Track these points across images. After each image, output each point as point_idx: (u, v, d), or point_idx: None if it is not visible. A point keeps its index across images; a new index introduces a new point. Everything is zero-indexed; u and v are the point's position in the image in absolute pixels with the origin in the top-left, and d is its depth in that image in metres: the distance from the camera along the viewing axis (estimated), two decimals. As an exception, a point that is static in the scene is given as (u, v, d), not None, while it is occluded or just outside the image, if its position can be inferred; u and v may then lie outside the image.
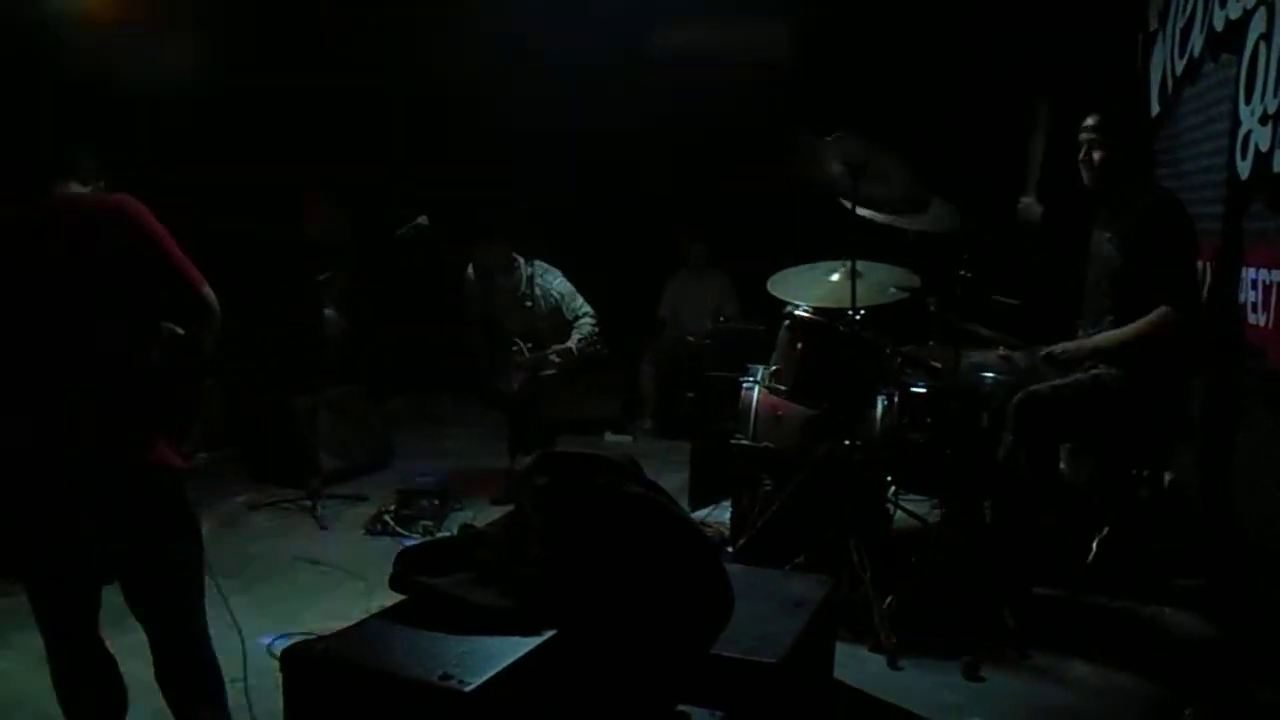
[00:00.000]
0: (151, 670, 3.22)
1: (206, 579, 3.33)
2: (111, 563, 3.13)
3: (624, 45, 8.48)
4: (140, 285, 3.04)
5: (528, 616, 2.57)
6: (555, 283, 6.80)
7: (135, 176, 3.36)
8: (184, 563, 3.21)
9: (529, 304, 6.75)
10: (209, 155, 6.64)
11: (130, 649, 3.28)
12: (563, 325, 6.80)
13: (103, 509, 3.01)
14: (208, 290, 3.12)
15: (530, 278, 6.77)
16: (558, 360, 6.63)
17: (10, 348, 3.02)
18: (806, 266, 5.03)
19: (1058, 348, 4.50)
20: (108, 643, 3.23)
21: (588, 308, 6.81)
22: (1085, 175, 4.52)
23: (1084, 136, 4.47)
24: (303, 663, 2.48)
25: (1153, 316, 4.28)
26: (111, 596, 3.19)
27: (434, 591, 2.66)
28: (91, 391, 2.98)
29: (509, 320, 6.74)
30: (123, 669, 3.26)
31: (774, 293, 4.90)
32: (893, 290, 4.80)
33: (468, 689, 2.27)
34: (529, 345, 6.68)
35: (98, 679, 3.17)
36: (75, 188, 3.12)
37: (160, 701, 3.24)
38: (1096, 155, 4.44)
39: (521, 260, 6.81)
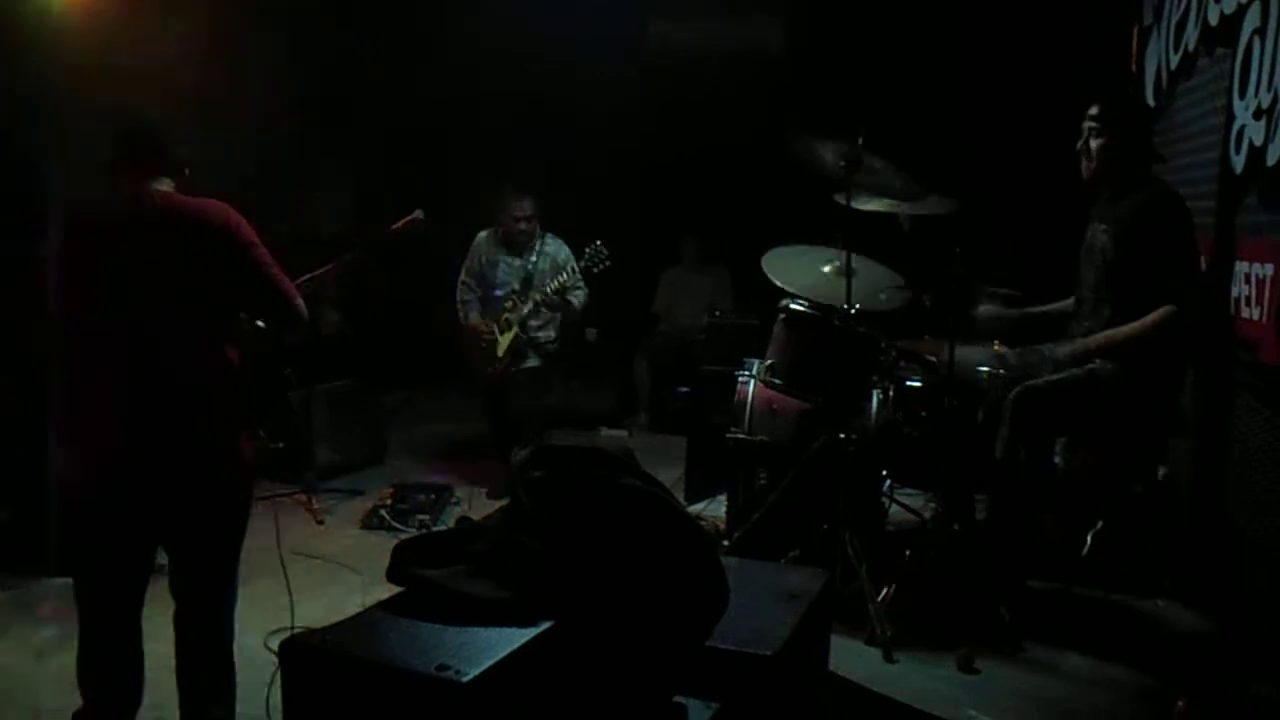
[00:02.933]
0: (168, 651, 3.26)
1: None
2: (172, 553, 3.21)
3: (619, 40, 8.49)
4: (230, 289, 3.08)
5: (524, 608, 2.58)
6: (562, 254, 6.59)
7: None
8: (234, 557, 3.28)
9: (530, 272, 6.54)
10: (200, 151, 6.64)
11: (151, 633, 3.31)
12: (556, 325, 6.71)
13: (179, 504, 3.08)
14: (300, 303, 3.24)
15: (540, 248, 6.61)
16: (540, 301, 6.41)
17: (105, 345, 3.06)
18: (801, 249, 5.02)
19: (1062, 352, 4.49)
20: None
21: (584, 290, 6.60)
22: (1083, 164, 4.51)
23: (1085, 125, 4.47)
24: (300, 655, 2.48)
25: (1155, 316, 4.24)
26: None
27: (431, 583, 2.67)
28: (180, 389, 3.06)
29: (504, 295, 6.56)
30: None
31: (766, 270, 4.86)
32: (883, 297, 4.80)
33: (464, 680, 2.28)
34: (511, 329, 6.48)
35: (126, 666, 3.20)
36: (167, 184, 3.16)
37: (154, 697, 3.27)
38: (1094, 144, 4.44)
39: (537, 226, 6.64)
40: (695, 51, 8.88)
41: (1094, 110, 4.47)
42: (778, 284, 4.79)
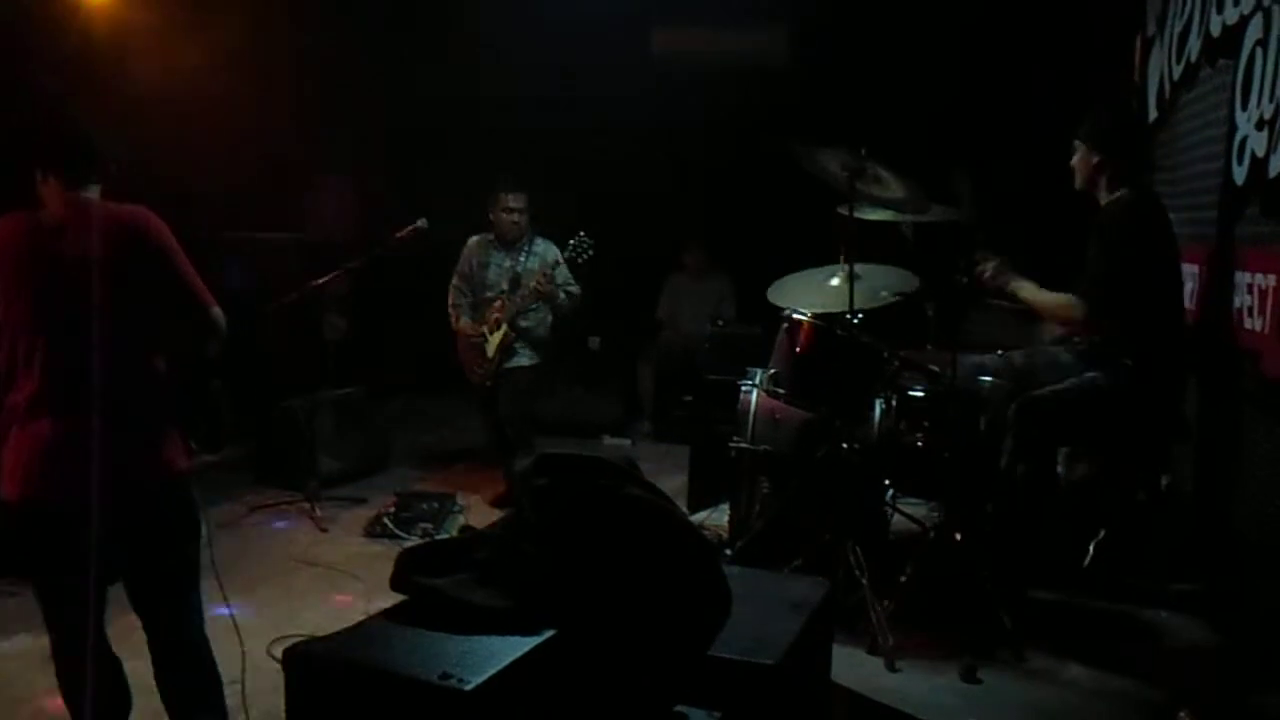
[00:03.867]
0: (150, 671, 3.25)
1: (211, 580, 3.37)
2: (119, 564, 3.16)
3: (624, 50, 8.52)
4: (150, 296, 3.07)
5: (527, 617, 2.59)
6: (550, 255, 6.49)
7: (140, 178, 3.38)
8: (187, 564, 3.25)
9: (520, 273, 6.47)
10: (212, 157, 6.67)
11: (132, 649, 3.30)
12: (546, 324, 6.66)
13: (115, 515, 3.04)
14: (217, 311, 3.19)
15: (529, 248, 6.55)
16: (534, 289, 6.33)
17: (29, 356, 3.05)
18: (806, 273, 5.04)
19: (991, 264, 4.57)
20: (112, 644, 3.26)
21: (576, 287, 6.54)
22: (1077, 181, 4.56)
23: (1076, 139, 4.51)
24: (304, 663, 2.49)
25: (1062, 298, 4.40)
26: (114, 595, 3.22)
27: (434, 592, 2.67)
28: (107, 399, 3.01)
29: (493, 296, 6.50)
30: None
31: (773, 301, 4.91)
32: (884, 294, 4.81)
33: (467, 688, 2.28)
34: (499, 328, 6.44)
35: (102, 678, 3.19)
36: (93, 192, 3.15)
37: (159, 702, 3.27)
38: (1079, 160, 4.51)
39: (528, 224, 6.57)
40: (700, 61, 8.90)
41: (1084, 124, 4.52)
42: (785, 309, 4.80)
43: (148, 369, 3.12)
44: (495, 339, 6.36)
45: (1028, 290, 4.53)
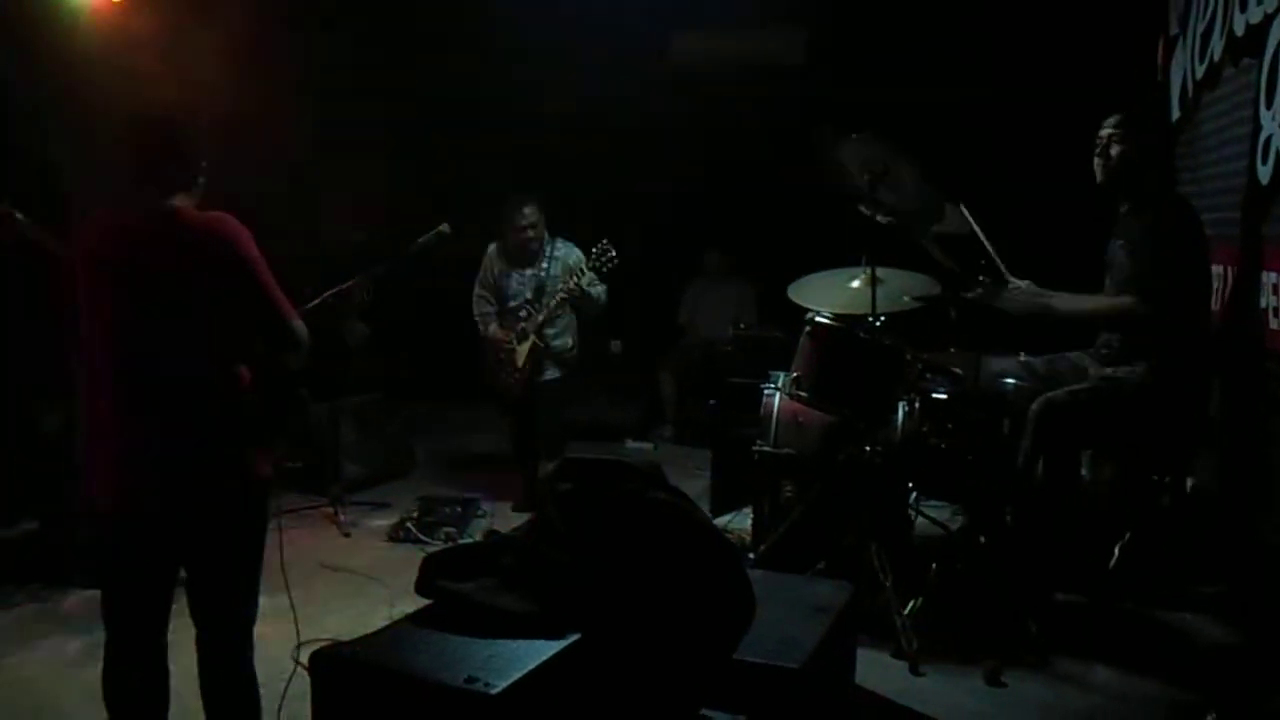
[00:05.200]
0: (175, 680, 3.26)
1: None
2: (191, 567, 3.20)
3: (642, 53, 8.52)
4: (229, 304, 3.06)
5: (552, 621, 2.60)
6: (573, 257, 6.42)
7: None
8: (252, 571, 3.27)
9: (543, 280, 6.42)
10: (227, 162, 6.69)
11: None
12: (574, 330, 6.63)
13: (196, 520, 3.08)
14: (297, 323, 3.17)
15: (550, 253, 6.48)
16: (563, 299, 6.30)
17: (117, 362, 3.06)
18: (827, 273, 5.04)
19: (1015, 285, 4.55)
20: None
21: (602, 287, 6.44)
22: (1099, 171, 4.50)
23: (1104, 133, 4.47)
24: (331, 666, 2.51)
25: (1116, 300, 4.35)
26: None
27: (459, 596, 2.68)
28: (185, 406, 3.03)
29: (518, 305, 6.48)
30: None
31: (795, 299, 4.91)
32: (906, 299, 4.80)
33: (493, 692, 2.29)
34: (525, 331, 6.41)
35: (151, 682, 3.20)
36: (184, 200, 3.15)
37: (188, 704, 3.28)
38: (1114, 150, 4.44)
39: (545, 233, 6.50)
40: (718, 63, 8.89)
41: (1114, 119, 4.47)
42: (807, 307, 4.80)
43: (228, 376, 3.11)
44: (524, 349, 6.36)
45: (1063, 300, 4.49)
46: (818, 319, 4.71)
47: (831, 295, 4.89)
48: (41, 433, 5.15)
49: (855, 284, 4.90)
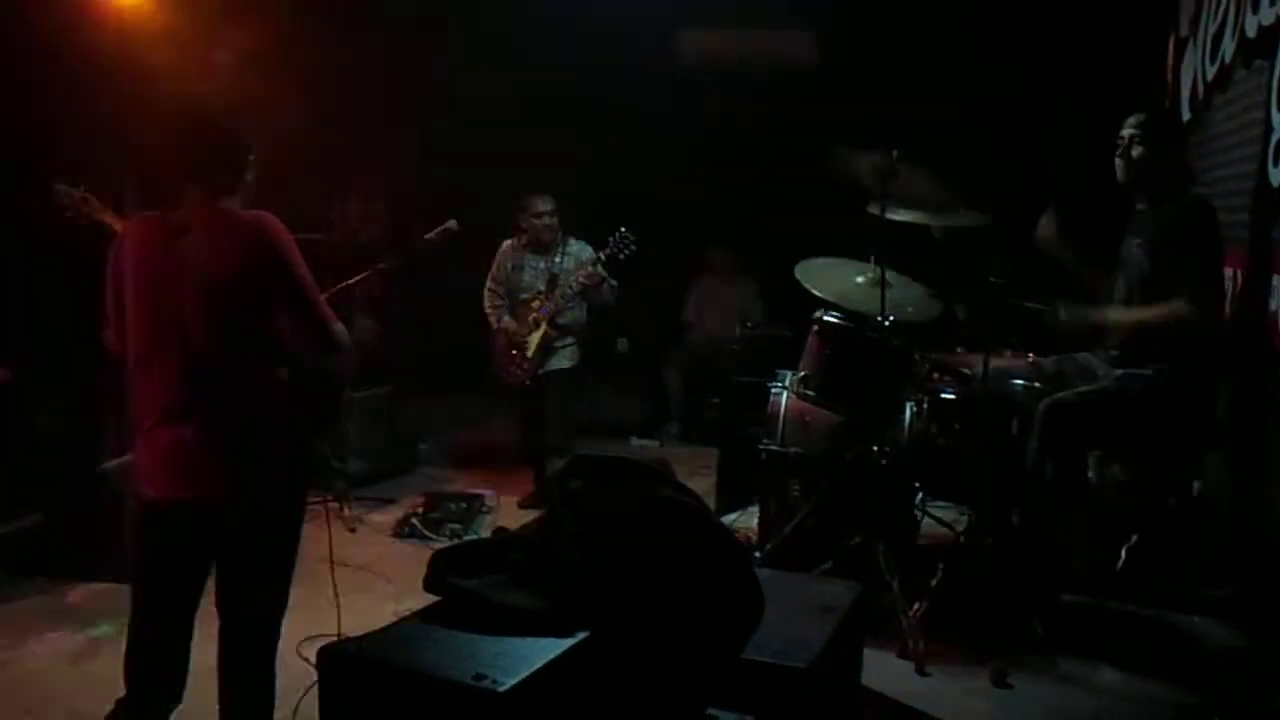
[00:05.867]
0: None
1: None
2: (223, 560, 3.20)
3: (652, 52, 8.50)
4: (267, 305, 3.05)
5: (561, 618, 2.59)
6: (585, 254, 6.51)
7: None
8: (284, 570, 3.27)
9: (557, 273, 6.50)
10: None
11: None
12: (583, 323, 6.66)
13: (231, 524, 3.10)
14: (337, 327, 3.14)
15: (564, 249, 6.57)
16: (576, 290, 6.39)
17: (148, 357, 3.07)
18: (835, 260, 5.03)
19: (1062, 311, 4.50)
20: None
21: (614, 281, 6.53)
22: (1120, 170, 4.50)
23: (1125, 132, 4.46)
24: (339, 663, 2.50)
25: (1165, 309, 4.28)
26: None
27: (468, 593, 2.68)
28: (220, 405, 3.04)
29: (531, 297, 6.54)
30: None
31: (799, 278, 4.87)
32: (910, 310, 4.80)
33: (501, 689, 2.29)
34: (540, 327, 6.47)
35: (172, 662, 3.20)
36: (231, 202, 3.15)
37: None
38: (1135, 151, 4.43)
39: (559, 229, 6.60)
40: (728, 63, 8.88)
41: (1135, 119, 4.46)
42: (810, 289, 4.78)
43: (266, 378, 3.11)
44: (535, 338, 6.39)
45: (1113, 314, 4.49)
46: (826, 318, 4.70)
47: (837, 283, 4.86)
48: (44, 426, 5.17)
49: (860, 280, 4.88)
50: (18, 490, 5.17)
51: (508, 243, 6.67)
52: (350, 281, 6.07)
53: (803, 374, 4.77)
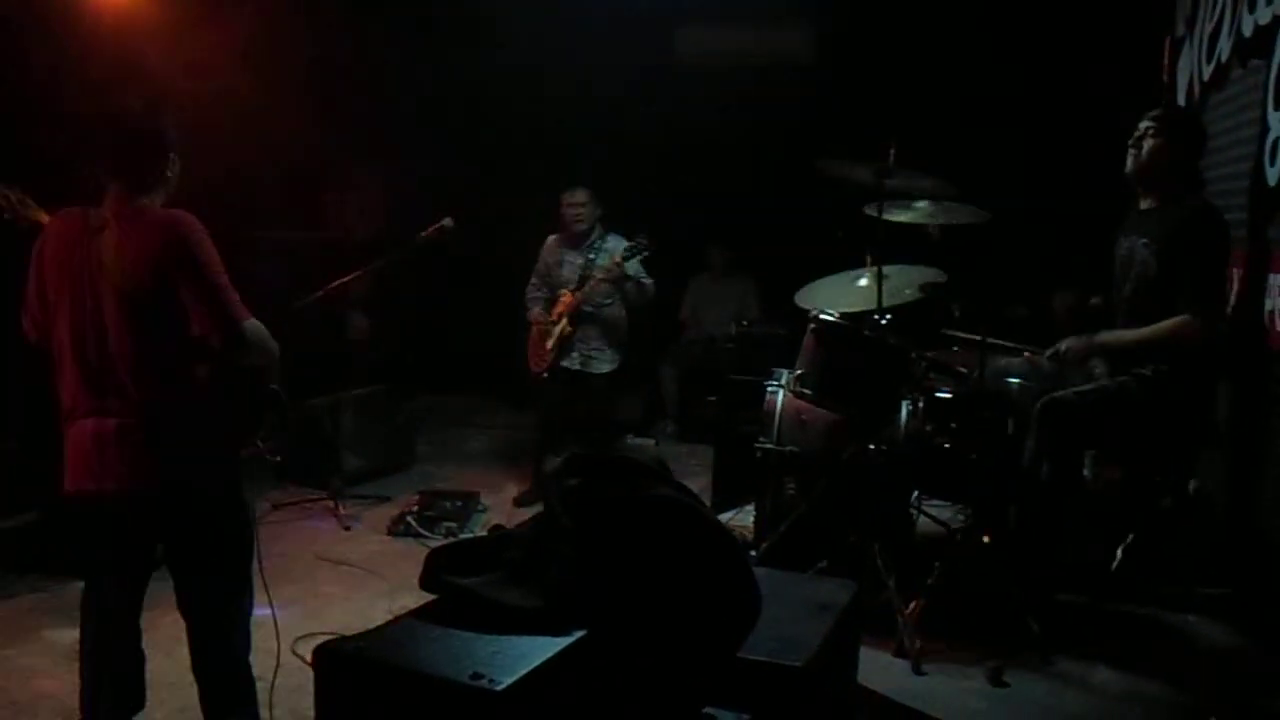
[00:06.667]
0: (173, 668, 3.27)
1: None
2: (167, 560, 3.23)
3: (648, 49, 8.50)
4: (181, 303, 3.06)
5: (558, 617, 2.58)
6: (620, 249, 6.51)
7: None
8: (231, 566, 3.27)
9: (589, 268, 6.53)
10: (232, 156, 6.69)
11: (153, 646, 3.33)
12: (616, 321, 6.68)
13: (155, 511, 3.12)
14: (247, 324, 3.13)
15: (600, 245, 6.60)
16: (601, 280, 6.45)
17: (68, 352, 3.09)
18: (833, 277, 5.04)
19: (1062, 345, 4.49)
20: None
21: (649, 280, 6.62)
22: (1130, 162, 4.45)
23: (1142, 125, 4.42)
24: (334, 661, 2.49)
25: (1171, 323, 4.23)
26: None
27: (465, 591, 2.67)
28: (137, 401, 3.05)
29: (562, 295, 6.57)
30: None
31: (801, 305, 4.91)
32: (908, 291, 4.79)
33: (498, 688, 2.28)
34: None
35: (124, 667, 3.22)
36: (152, 199, 3.15)
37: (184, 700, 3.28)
38: (1149, 143, 4.39)
39: (599, 225, 6.67)
40: (724, 60, 8.89)
41: (1156, 113, 4.44)
42: (814, 310, 4.79)
43: (183, 374, 3.12)
44: (555, 331, 6.42)
45: (1109, 337, 4.45)
46: (822, 316, 4.70)
47: (839, 299, 4.88)
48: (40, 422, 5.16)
49: (863, 283, 4.88)
50: (13, 488, 5.16)
51: (552, 237, 6.73)
52: (345, 279, 6.09)
53: (799, 372, 4.75)
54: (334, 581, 5.17)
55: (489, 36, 8.38)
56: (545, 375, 6.51)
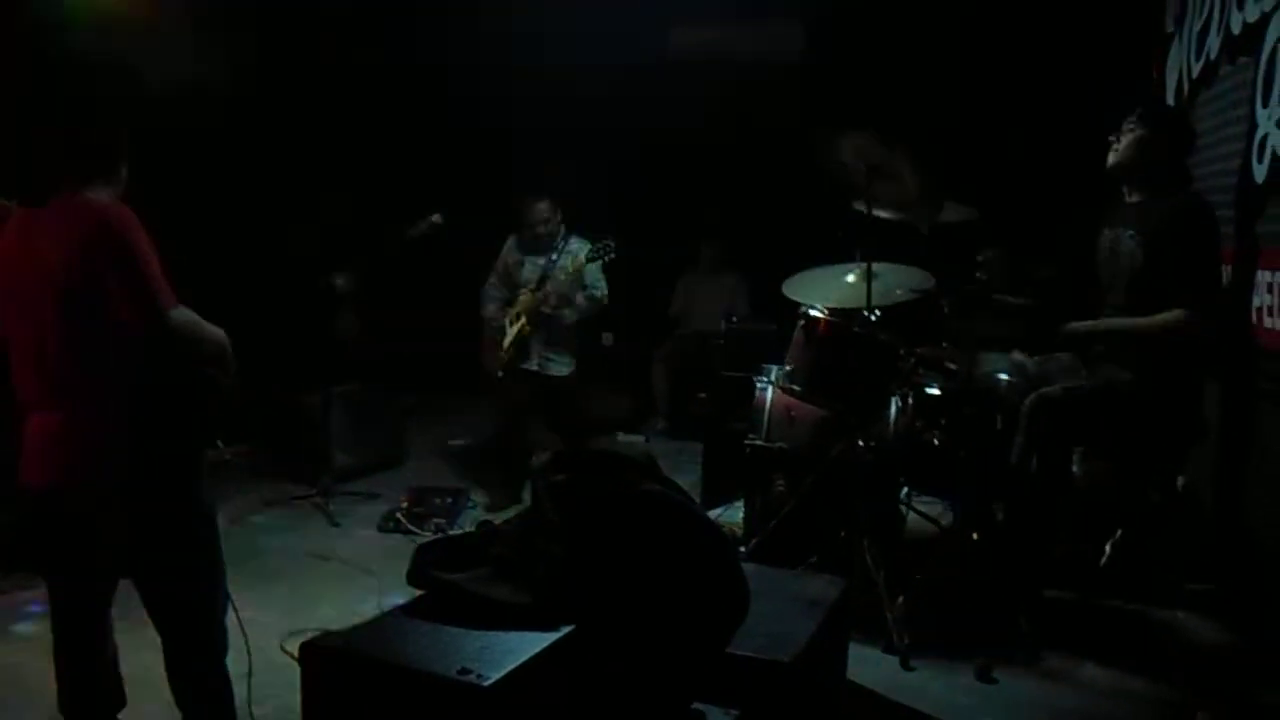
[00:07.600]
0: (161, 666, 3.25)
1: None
2: (127, 558, 3.16)
3: (638, 45, 8.50)
4: (110, 293, 2.98)
5: (546, 612, 2.59)
6: (583, 253, 6.47)
7: (149, 178, 3.36)
8: (190, 562, 3.21)
9: (550, 270, 6.49)
10: (222, 154, 6.67)
11: (148, 643, 3.31)
12: (571, 326, 6.64)
13: (105, 507, 3.05)
14: (174, 314, 3.02)
15: (563, 247, 6.55)
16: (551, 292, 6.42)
17: (14, 348, 3.07)
18: (822, 269, 5.02)
19: (1071, 325, 4.49)
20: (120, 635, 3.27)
21: (603, 289, 6.60)
22: (1111, 155, 4.44)
23: (1128, 122, 4.39)
24: (321, 657, 2.49)
25: (1167, 317, 4.22)
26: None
27: (452, 587, 2.67)
28: (74, 394, 3.01)
29: (520, 295, 6.54)
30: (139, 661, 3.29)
31: (789, 295, 4.89)
32: (899, 292, 4.79)
33: (486, 683, 2.28)
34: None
35: (96, 670, 3.20)
36: (100, 192, 3.11)
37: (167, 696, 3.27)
38: (1128, 137, 4.37)
39: (562, 227, 6.60)
40: (715, 56, 8.88)
41: (1141, 109, 4.42)
42: (802, 302, 4.78)
43: (120, 367, 3.05)
44: (513, 331, 6.39)
45: (1114, 322, 4.44)
46: (812, 312, 4.70)
47: (827, 291, 4.87)
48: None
49: (850, 279, 4.87)
50: (1, 483, 5.13)
51: (513, 238, 6.69)
52: (334, 276, 6.09)
53: (789, 368, 4.75)
54: (323, 578, 5.16)
55: (481, 34, 8.38)
56: (501, 375, 6.48)
